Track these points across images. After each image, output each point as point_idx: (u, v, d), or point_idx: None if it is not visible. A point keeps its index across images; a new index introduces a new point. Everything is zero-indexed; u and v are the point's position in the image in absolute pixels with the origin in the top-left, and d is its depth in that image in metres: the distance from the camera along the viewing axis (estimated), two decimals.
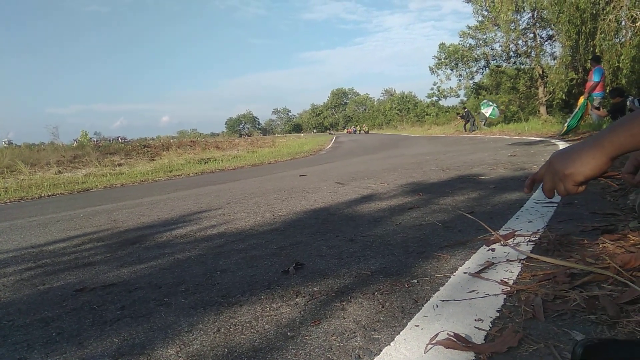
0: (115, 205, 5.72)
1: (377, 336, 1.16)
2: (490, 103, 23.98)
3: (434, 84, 41.32)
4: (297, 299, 1.51)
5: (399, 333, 1.15)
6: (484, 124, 23.55)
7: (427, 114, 55.61)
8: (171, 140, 25.76)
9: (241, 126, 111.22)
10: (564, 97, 16.64)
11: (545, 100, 22.05)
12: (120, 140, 31.86)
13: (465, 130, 23.36)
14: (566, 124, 10.75)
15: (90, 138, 32.68)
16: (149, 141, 26.69)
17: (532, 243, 1.82)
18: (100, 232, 3.52)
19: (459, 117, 26.78)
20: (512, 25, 21.08)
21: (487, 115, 23.46)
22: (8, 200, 9.32)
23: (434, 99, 47.24)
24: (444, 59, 32.85)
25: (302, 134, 71.71)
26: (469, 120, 23.98)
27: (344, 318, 1.30)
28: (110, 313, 1.58)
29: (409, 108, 68.75)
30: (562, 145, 7.65)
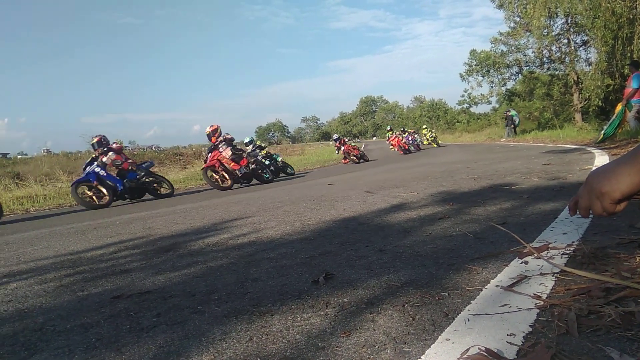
0: (150, 212, 5.87)
1: (407, 349, 1.16)
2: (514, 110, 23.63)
3: (465, 91, 40.82)
4: (327, 310, 1.52)
5: (429, 347, 1.15)
6: (513, 132, 23.08)
7: (457, 121, 54.93)
8: (202, 149, 26.22)
9: (270, 134, 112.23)
10: (600, 103, 16.22)
11: (581, 107, 21.53)
12: (153, 149, 32.62)
13: (508, 136, 22.78)
14: (603, 132, 10.46)
15: (125, 147, 33.52)
16: (181, 149, 27.28)
17: (567, 256, 1.79)
18: (135, 239, 3.62)
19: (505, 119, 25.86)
20: (545, 31, 20.68)
21: (517, 122, 23.06)
22: (47, 207, 9.71)
23: (465, 106, 46.65)
24: (475, 65, 32.43)
25: (331, 142, 71.80)
26: (508, 125, 23.36)
27: (374, 330, 1.31)
28: (146, 320, 1.63)
29: (439, 115, 68.07)
30: (598, 153, 7.44)
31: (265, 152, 13.61)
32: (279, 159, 13.87)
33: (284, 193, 6.60)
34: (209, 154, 10.12)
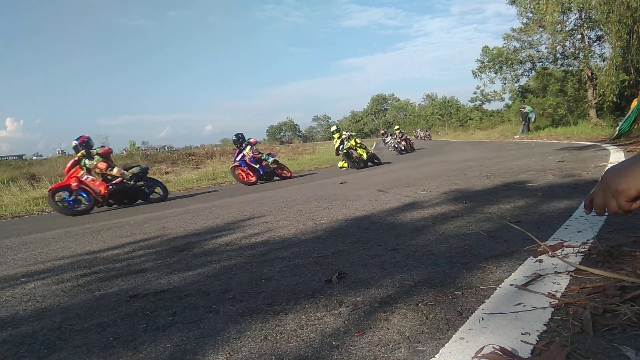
0: (163, 212, 5.93)
1: (421, 348, 1.16)
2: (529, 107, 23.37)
3: (477, 88, 40.40)
4: (340, 309, 1.53)
5: (443, 345, 1.15)
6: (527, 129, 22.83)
7: (470, 119, 54.52)
8: (215, 149, 26.45)
9: (282, 134, 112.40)
10: (615, 99, 15.98)
11: (595, 103, 21.24)
12: (166, 149, 32.91)
13: (522, 133, 22.52)
14: (618, 128, 10.30)
15: (139, 147, 33.87)
16: (193, 150, 27.51)
17: (581, 254, 1.78)
18: (150, 239, 3.66)
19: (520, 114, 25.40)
20: (558, 26, 20.42)
21: (533, 119, 22.82)
22: None
23: (477, 103, 46.25)
24: (488, 62, 32.12)
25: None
26: (525, 122, 23.05)
27: (388, 329, 1.31)
28: (162, 319, 1.66)
29: (451, 113, 67.66)
30: (613, 149, 7.34)
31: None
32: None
33: (295, 192, 6.62)
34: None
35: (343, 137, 13.73)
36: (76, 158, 8.75)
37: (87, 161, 8.70)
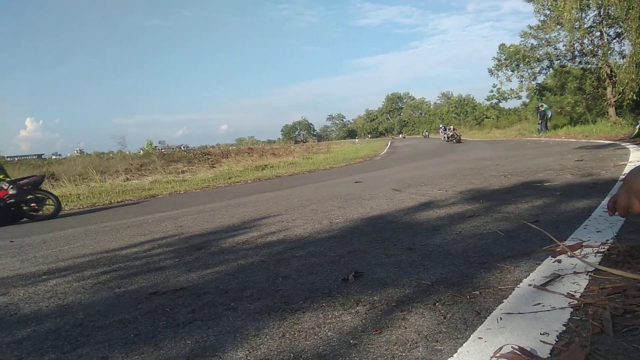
0: (181, 211, 6.00)
1: (439, 347, 1.17)
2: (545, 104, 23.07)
3: (494, 86, 40.04)
4: (357, 307, 1.54)
5: (461, 345, 1.15)
6: (544, 127, 22.53)
7: (486, 117, 53.96)
8: (230, 148, 26.61)
9: (296, 133, 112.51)
10: (634, 97, 15.70)
11: (614, 101, 20.86)
12: (182, 149, 33.18)
13: (539, 132, 22.24)
14: (638, 126, 10.15)
15: (155, 146, 34.22)
16: (209, 149, 27.70)
17: (601, 254, 1.76)
18: (168, 237, 3.71)
19: (537, 113, 24.96)
20: (576, 23, 20.09)
21: (549, 116, 22.52)
22: (81, 206, 9.99)
23: (494, 101, 45.81)
24: (504, 60, 31.75)
25: (357, 140, 71.53)
26: (542, 120, 22.72)
27: (405, 328, 1.32)
28: (182, 316, 1.68)
29: (467, 111, 67.02)
30: (633, 148, 7.22)
31: None
32: None
33: (310, 191, 6.63)
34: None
35: None
36: None
37: None
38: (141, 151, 28.16)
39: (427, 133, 58.66)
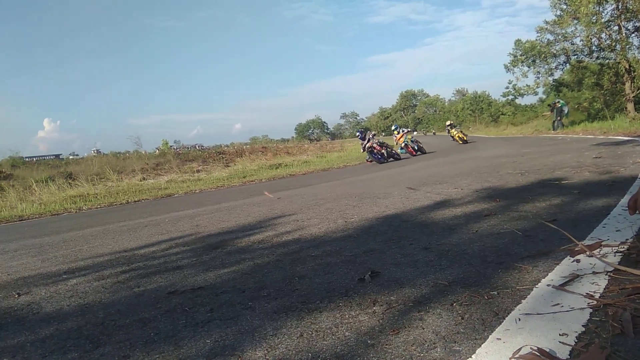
0: (196, 210, 6.05)
1: (457, 348, 1.17)
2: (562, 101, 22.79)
3: (509, 82, 39.48)
4: (374, 307, 1.55)
5: (480, 346, 1.15)
6: (561, 124, 22.22)
7: (502, 114, 53.34)
8: (244, 147, 26.69)
9: (310, 131, 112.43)
10: None
11: (633, 97, 20.51)
12: (197, 148, 33.38)
13: (556, 129, 21.95)
14: None
15: (171, 146, 34.48)
16: (223, 148, 27.83)
17: (620, 254, 1.74)
18: (185, 236, 3.75)
19: (550, 111, 24.52)
20: (593, 18, 19.77)
21: (566, 112, 22.23)
22: (99, 206, 10.12)
23: (510, 97, 45.19)
24: (520, 55, 31.35)
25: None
26: (557, 117, 22.40)
27: (423, 328, 1.32)
28: (200, 315, 1.71)
29: (482, 108, 66.31)
30: None
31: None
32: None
33: (325, 190, 6.64)
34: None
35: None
36: None
37: None
38: (157, 151, 28.41)
39: (434, 131, 58.30)
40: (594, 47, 23.94)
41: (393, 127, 18.29)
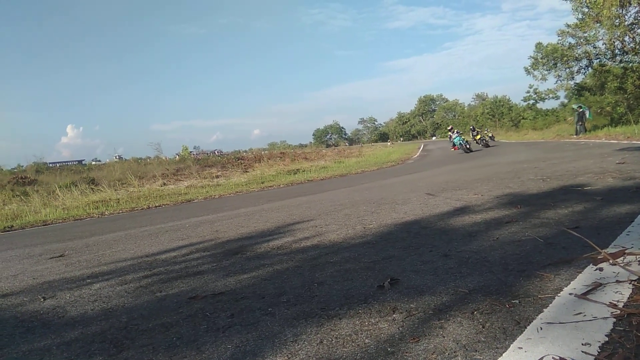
0: (216, 216, 6.11)
1: (478, 357, 1.16)
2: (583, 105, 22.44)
3: (530, 87, 39.03)
4: (394, 315, 1.55)
5: (501, 355, 1.14)
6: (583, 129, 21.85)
7: (523, 118, 52.63)
8: (262, 153, 26.85)
9: (328, 137, 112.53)
10: None
11: None
12: (216, 153, 33.71)
13: (578, 133, 21.60)
14: None
15: (191, 152, 34.85)
16: (242, 154, 28.07)
17: None
18: (205, 242, 3.79)
19: (575, 113, 24.10)
20: (616, 21, 19.43)
21: (588, 115, 21.86)
22: (121, 211, 10.27)
23: (531, 102, 44.65)
24: (541, 59, 30.93)
25: (389, 142, 71.07)
26: (578, 121, 22.06)
27: (443, 337, 1.32)
28: (221, 320, 1.73)
29: (502, 112, 65.52)
30: None
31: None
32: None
33: (343, 196, 6.64)
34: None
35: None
36: None
37: None
38: (177, 156, 28.79)
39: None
40: (617, 51, 23.53)
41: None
